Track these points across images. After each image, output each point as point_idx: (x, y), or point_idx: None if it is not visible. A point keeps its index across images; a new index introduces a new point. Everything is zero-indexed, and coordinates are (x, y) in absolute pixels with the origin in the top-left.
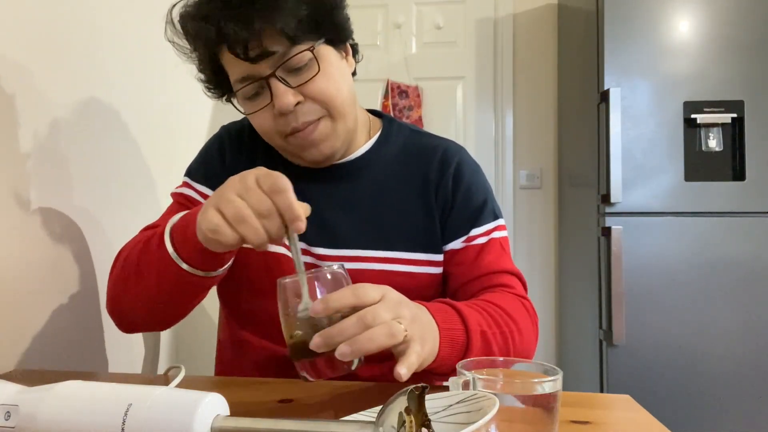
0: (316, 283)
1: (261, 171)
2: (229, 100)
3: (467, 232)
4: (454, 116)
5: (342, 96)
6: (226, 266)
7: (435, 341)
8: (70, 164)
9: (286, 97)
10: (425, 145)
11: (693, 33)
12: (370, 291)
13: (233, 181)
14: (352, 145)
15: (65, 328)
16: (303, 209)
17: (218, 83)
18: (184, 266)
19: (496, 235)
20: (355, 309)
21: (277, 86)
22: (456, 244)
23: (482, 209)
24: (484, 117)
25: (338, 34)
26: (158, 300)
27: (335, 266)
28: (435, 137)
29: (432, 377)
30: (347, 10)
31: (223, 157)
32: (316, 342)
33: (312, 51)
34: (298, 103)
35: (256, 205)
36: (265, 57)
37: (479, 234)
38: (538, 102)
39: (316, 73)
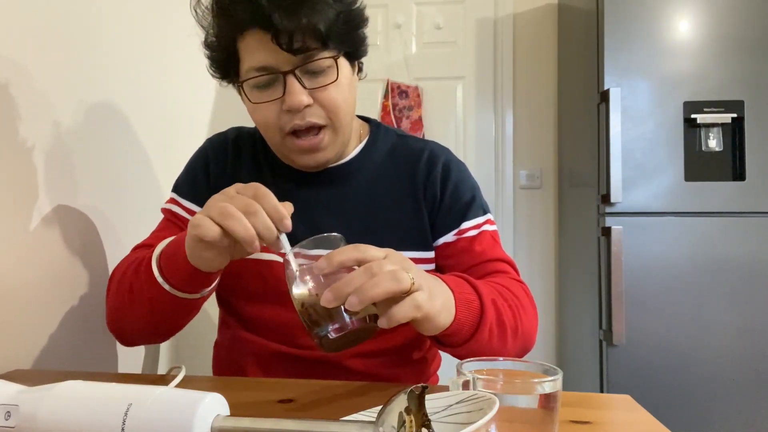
0: (318, 252)
1: (239, 184)
2: (230, 84)
3: (458, 226)
4: (454, 116)
5: (347, 109)
6: (213, 285)
7: (449, 302)
8: (76, 165)
9: (300, 96)
10: (411, 148)
11: (693, 33)
12: (374, 249)
13: (215, 196)
14: (343, 151)
15: (66, 328)
16: (287, 209)
17: (226, 65)
18: (173, 291)
19: (486, 228)
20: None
21: (293, 84)
22: (448, 237)
23: (471, 204)
24: (484, 117)
25: (357, 50)
26: (152, 321)
27: (334, 234)
28: (420, 140)
29: (449, 351)
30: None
31: (208, 174)
32: (326, 297)
33: (335, 59)
34: (307, 106)
35: (243, 206)
36: (303, 52)
37: (470, 227)
38: (538, 102)
39: (333, 81)
